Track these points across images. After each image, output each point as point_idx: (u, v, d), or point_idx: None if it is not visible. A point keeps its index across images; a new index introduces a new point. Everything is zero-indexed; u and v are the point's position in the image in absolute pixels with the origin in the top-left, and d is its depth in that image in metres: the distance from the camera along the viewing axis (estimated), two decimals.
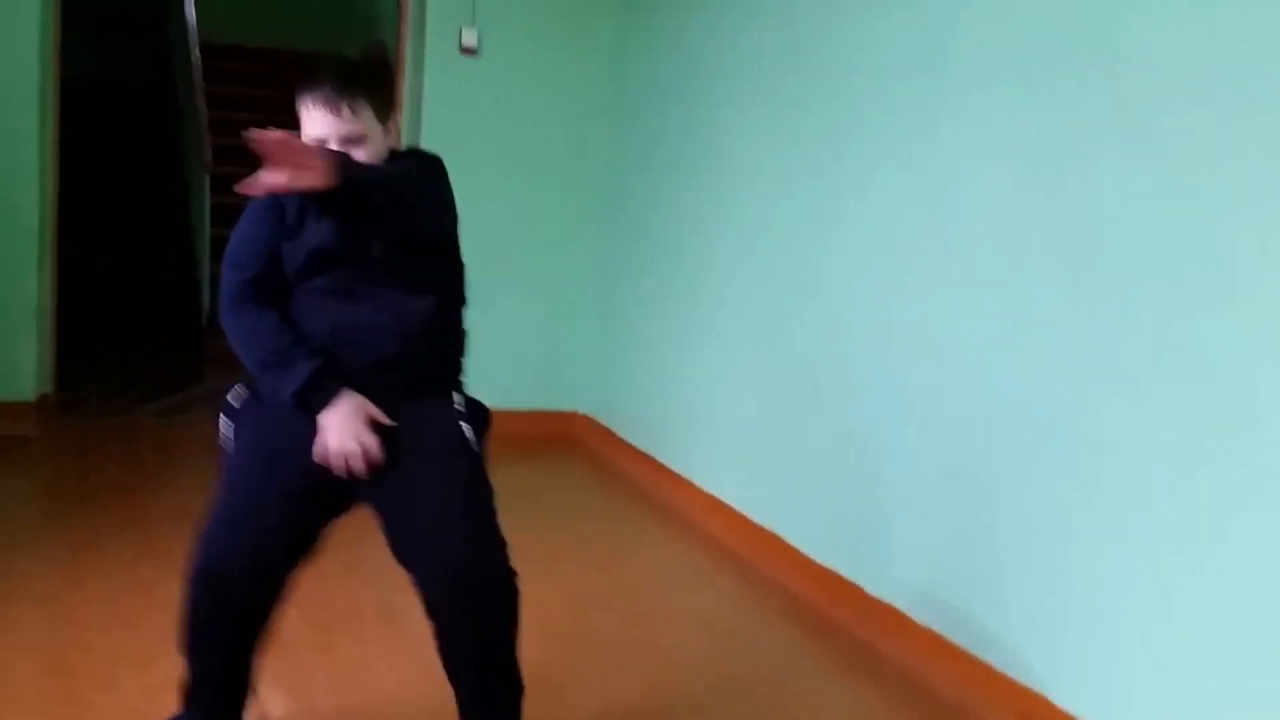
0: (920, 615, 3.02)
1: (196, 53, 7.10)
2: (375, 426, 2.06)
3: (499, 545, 2.12)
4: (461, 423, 2.17)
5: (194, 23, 7.31)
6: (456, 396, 2.22)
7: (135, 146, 7.81)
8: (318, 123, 2.04)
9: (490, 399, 2.28)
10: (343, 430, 2.01)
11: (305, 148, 1.88)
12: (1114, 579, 2.46)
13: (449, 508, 2.09)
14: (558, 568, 3.47)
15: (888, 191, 3.21)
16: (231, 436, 2.15)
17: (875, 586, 3.19)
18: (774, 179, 3.78)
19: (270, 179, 1.81)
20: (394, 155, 2.15)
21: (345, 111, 2.03)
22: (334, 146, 2.02)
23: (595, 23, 4.85)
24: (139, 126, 7.91)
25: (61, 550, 3.30)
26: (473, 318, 2.34)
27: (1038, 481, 2.67)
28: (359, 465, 2.02)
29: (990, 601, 2.81)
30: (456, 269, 2.26)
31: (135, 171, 7.73)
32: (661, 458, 4.41)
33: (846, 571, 3.30)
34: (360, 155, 2.04)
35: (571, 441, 5.03)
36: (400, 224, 2.07)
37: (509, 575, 2.12)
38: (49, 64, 4.24)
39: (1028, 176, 2.72)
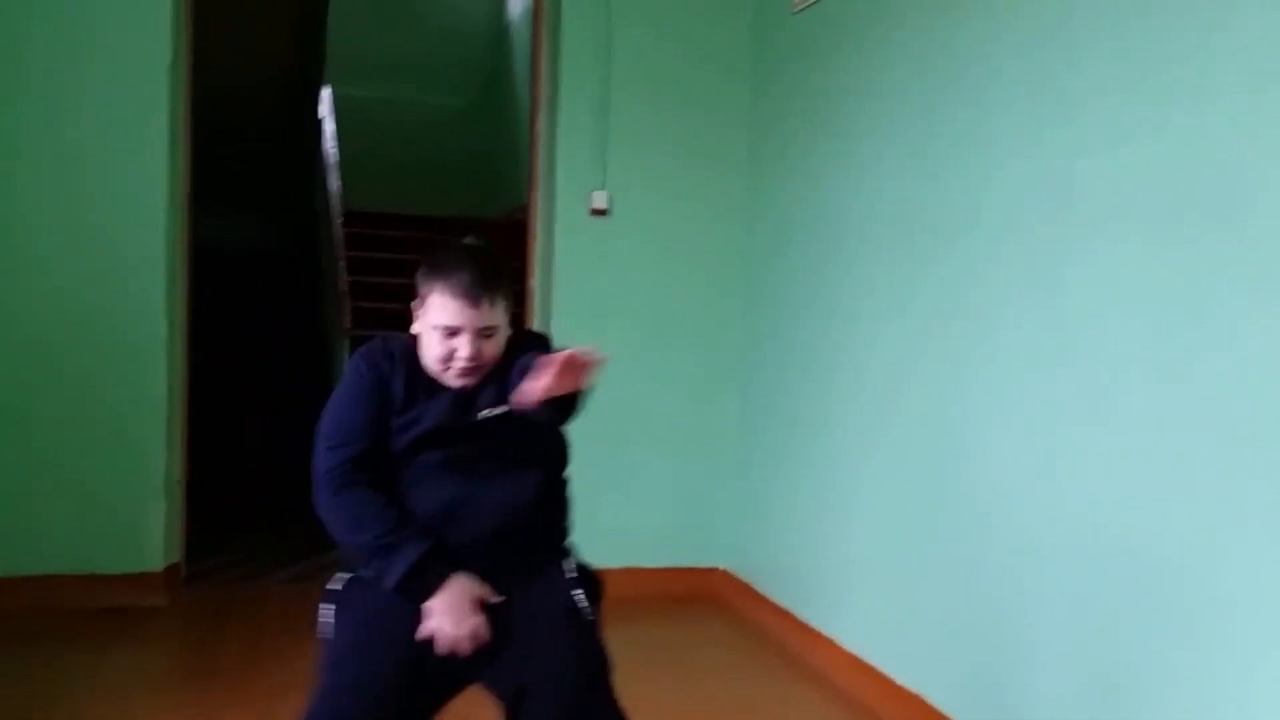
0: None
1: (339, 219, 7.29)
2: (484, 605, 1.99)
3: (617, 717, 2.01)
4: (574, 592, 2.09)
5: (337, 190, 7.54)
6: (567, 564, 2.15)
7: (277, 313, 8.03)
8: (454, 314, 2.04)
9: (631, 557, 2.21)
10: (450, 615, 1.96)
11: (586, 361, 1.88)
12: None
13: (566, 683, 1.97)
14: None
15: (1020, 334, 3.00)
16: (332, 621, 2.06)
17: None
18: (906, 331, 3.58)
19: (548, 385, 1.84)
20: (512, 342, 2.14)
21: (485, 305, 2.04)
22: (467, 337, 2.04)
23: (724, 179, 4.75)
24: (281, 293, 8.15)
25: None
26: (611, 476, 2.27)
27: (1174, 644, 2.41)
28: (466, 649, 1.96)
29: None
30: (561, 435, 2.21)
31: (276, 338, 7.92)
32: (803, 615, 4.12)
33: None
34: (491, 347, 2.07)
35: (712, 598, 4.78)
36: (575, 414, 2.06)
37: None
38: (177, 234, 4.28)
39: (1164, 320, 2.50)
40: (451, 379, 2.09)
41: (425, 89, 9.33)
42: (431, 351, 2.08)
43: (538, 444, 2.15)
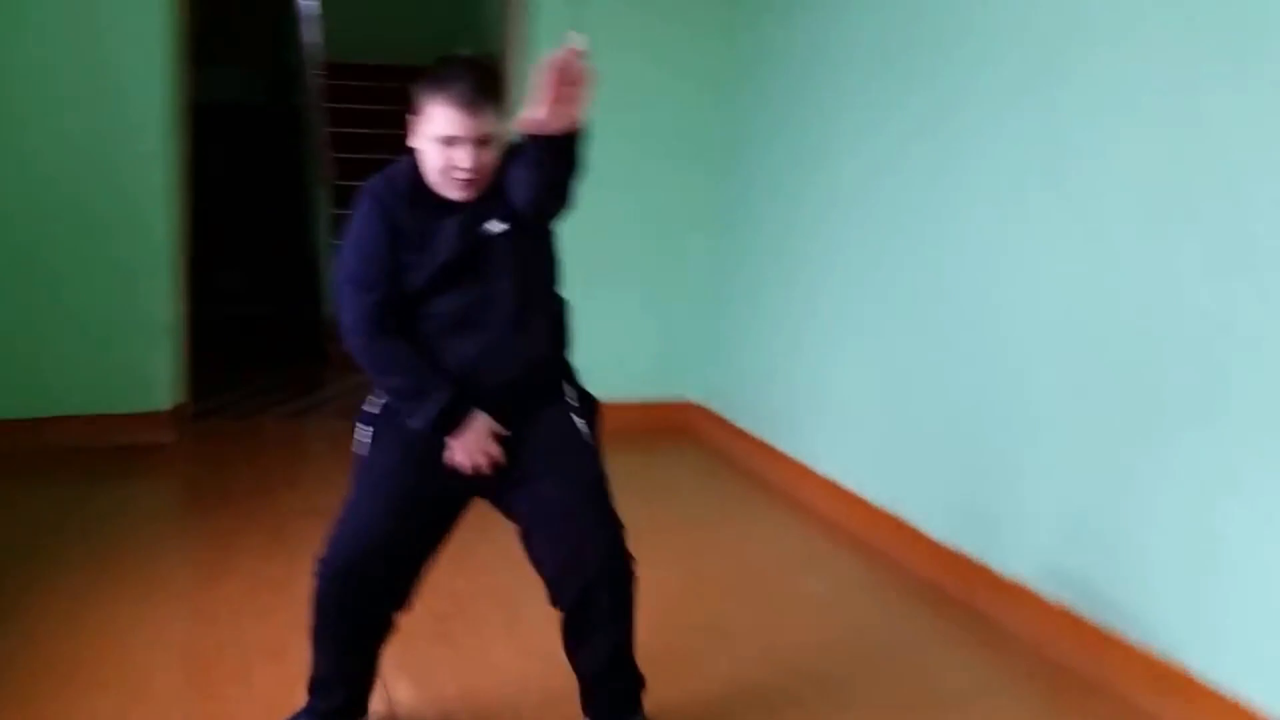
0: (1050, 591, 2.95)
1: (316, 72, 7.30)
2: (498, 436, 2.20)
3: (619, 529, 2.22)
4: (574, 416, 2.29)
5: (317, 41, 7.53)
6: (569, 390, 2.33)
7: (259, 165, 8.09)
8: (452, 123, 2.07)
9: (602, 391, 2.38)
10: (471, 447, 2.16)
11: (584, 78, 1.94)
12: (1261, 544, 2.38)
13: (571, 500, 2.21)
14: (675, 555, 3.47)
15: (1009, 159, 3.16)
16: (368, 441, 2.26)
17: (1002, 564, 3.13)
18: (873, 164, 3.74)
19: (545, 111, 1.91)
20: (510, 149, 2.18)
21: (483, 114, 2.08)
22: (466, 146, 2.08)
23: (704, 12, 4.84)
24: (262, 146, 8.20)
25: (198, 549, 3.43)
26: (582, 311, 2.43)
27: (1175, 445, 2.60)
28: (486, 471, 2.18)
29: (1123, 573, 2.74)
30: (555, 256, 2.33)
31: (260, 189, 8.01)
32: (776, 443, 4.38)
33: (971, 550, 3.24)
34: (488, 156, 2.12)
35: (685, 431, 5.02)
36: (571, 183, 2.10)
37: (629, 559, 2.22)
38: (175, 88, 4.39)
39: (1153, 127, 2.66)
40: (453, 191, 2.14)
41: None
42: (431, 163, 2.12)
43: (540, 268, 2.27)
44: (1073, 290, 2.90)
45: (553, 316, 2.32)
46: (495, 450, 2.17)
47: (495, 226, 2.16)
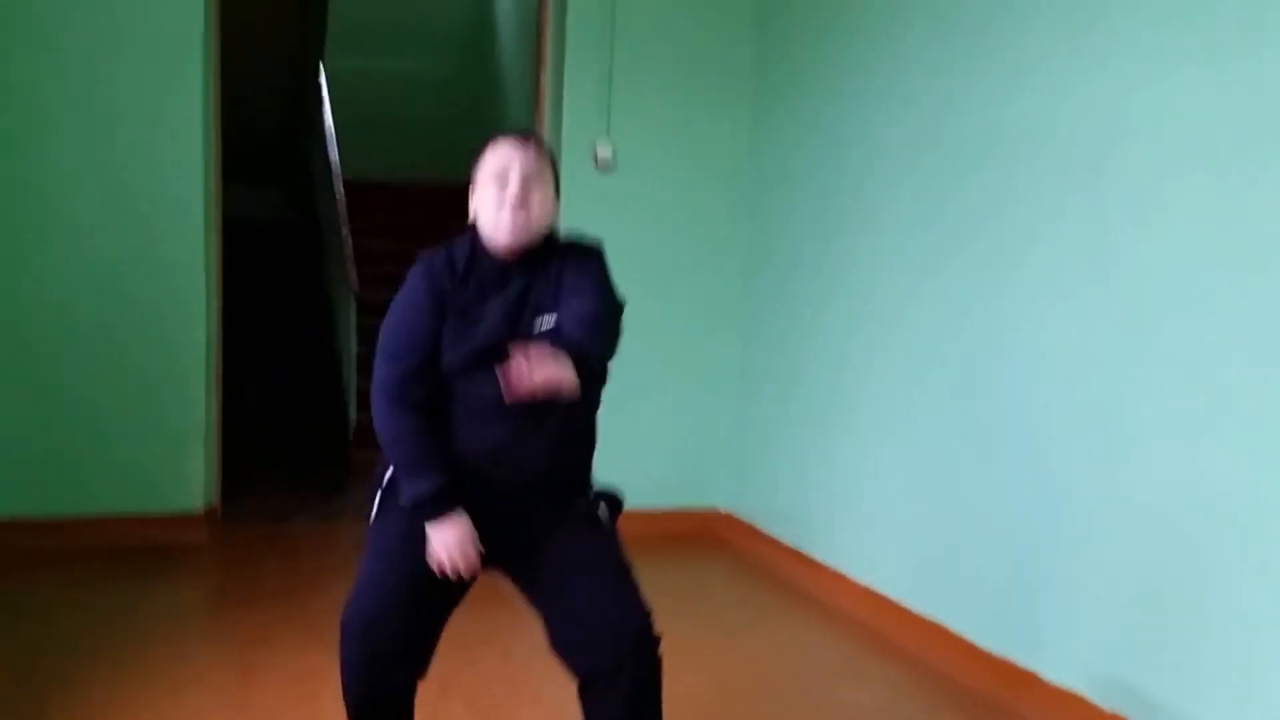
0: (1102, 699, 2.91)
1: (340, 189, 7.57)
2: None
3: (647, 609, 2.21)
4: (601, 504, 2.32)
5: (336, 163, 7.82)
6: (591, 488, 2.37)
7: (284, 278, 8.35)
8: (504, 155, 2.21)
9: (628, 499, 2.39)
10: (449, 544, 2.17)
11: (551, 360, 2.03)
12: None
13: (596, 580, 2.21)
14: (708, 664, 3.45)
15: (1051, 257, 3.14)
16: (375, 509, 2.31)
17: (1053, 672, 3.09)
18: (911, 267, 3.78)
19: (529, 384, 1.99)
20: (551, 241, 2.28)
21: (533, 151, 2.23)
22: (516, 182, 2.18)
23: (727, 124, 4.98)
24: (287, 260, 8.47)
25: (233, 646, 3.47)
26: (612, 421, 2.49)
27: (1225, 559, 2.59)
28: (453, 575, 2.18)
29: (1181, 683, 2.70)
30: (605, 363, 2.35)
31: (283, 301, 8.26)
32: (810, 550, 4.36)
33: (1019, 658, 3.21)
34: (534, 203, 2.21)
35: (714, 539, 5.03)
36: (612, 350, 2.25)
37: (656, 641, 2.19)
38: (212, 205, 4.61)
39: (1197, 220, 2.68)
40: (505, 230, 2.19)
41: (409, 59, 9.58)
42: (487, 207, 2.21)
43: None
44: (1116, 387, 2.89)
45: (585, 417, 2.34)
46: (471, 558, 2.18)
47: (543, 322, 2.20)
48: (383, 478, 2.31)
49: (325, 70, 8.56)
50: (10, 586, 3.99)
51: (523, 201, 2.20)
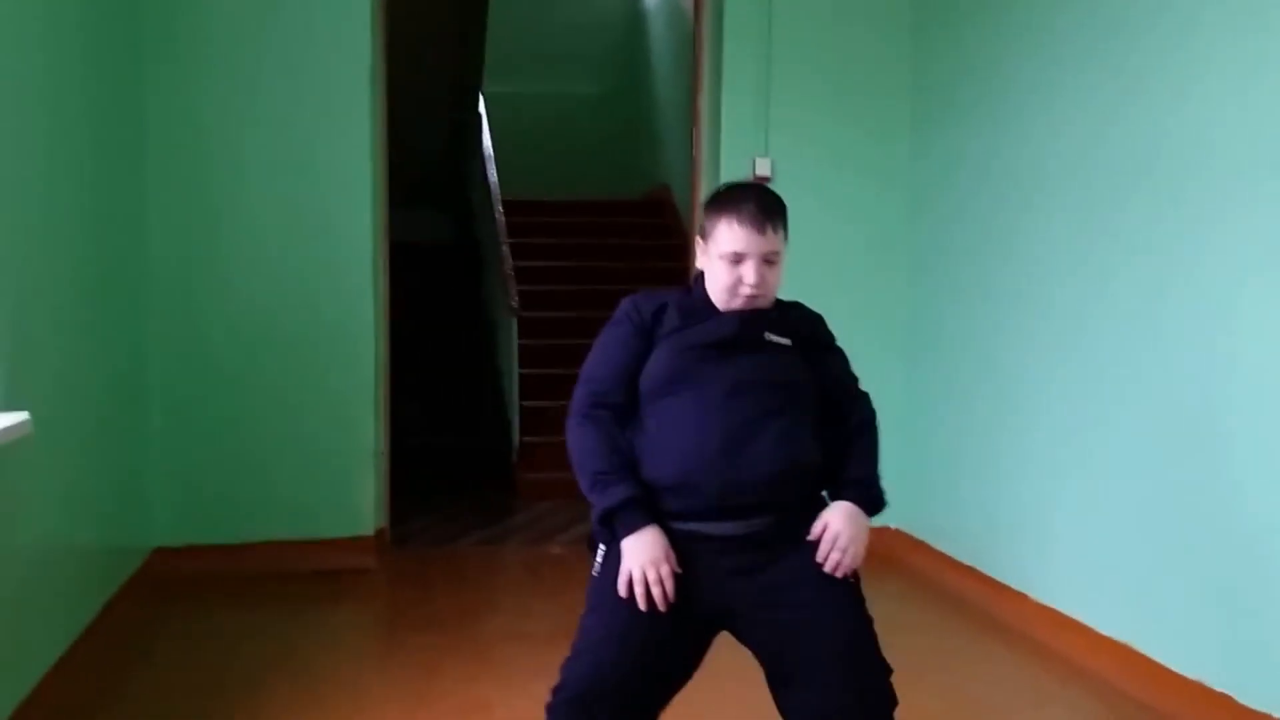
0: None
1: (499, 210, 7.63)
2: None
3: (885, 677, 2.06)
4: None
5: (495, 184, 7.89)
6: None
7: (446, 297, 8.48)
8: (741, 240, 2.12)
9: None
10: (638, 557, 2.00)
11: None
12: None
13: (834, 645, 2.04)
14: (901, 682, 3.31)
15: (1228, 262, 3.01)
16: (601, 561, 2.13)
17: (1254, 698, 2.88)
18: (1088, 274, 3.61)
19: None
20: (780, 303, 2.25)
21: (769, 231, 2.13)
22: (753, 263, 2.11)
23: (887, 139, 4.87)
24: (448, 280, 8.60)
25: (405, 672, 3.45)
26: None
27: None
28: (655, 592, 1.99)
29: None
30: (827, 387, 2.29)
31: (447, 320, 8.37)
32: (987, 569, 4.19)
33: (1218, 684, 3.00)
34: (773, 275, 2.16)
35: (886, 558, 4.84)
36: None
37: (892, 707, 2.06)
38: (380, 233, 4.68)
39: None
40: (737, 306, 2.15)
41: (565, 81, 9.64)
42: (719, 281, 2.15)
43: (810, 392, 2.19)
44: None
45: (818, 422, 2.20)
46: (666, 574, 1.99)
47: (778, 337, 2.17)
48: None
49: (484, 96, 8.69)
50: (190, 611, 4.07)
51: (760, 285, 2.14)
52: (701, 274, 2.24)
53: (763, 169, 4.78)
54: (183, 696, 3.23)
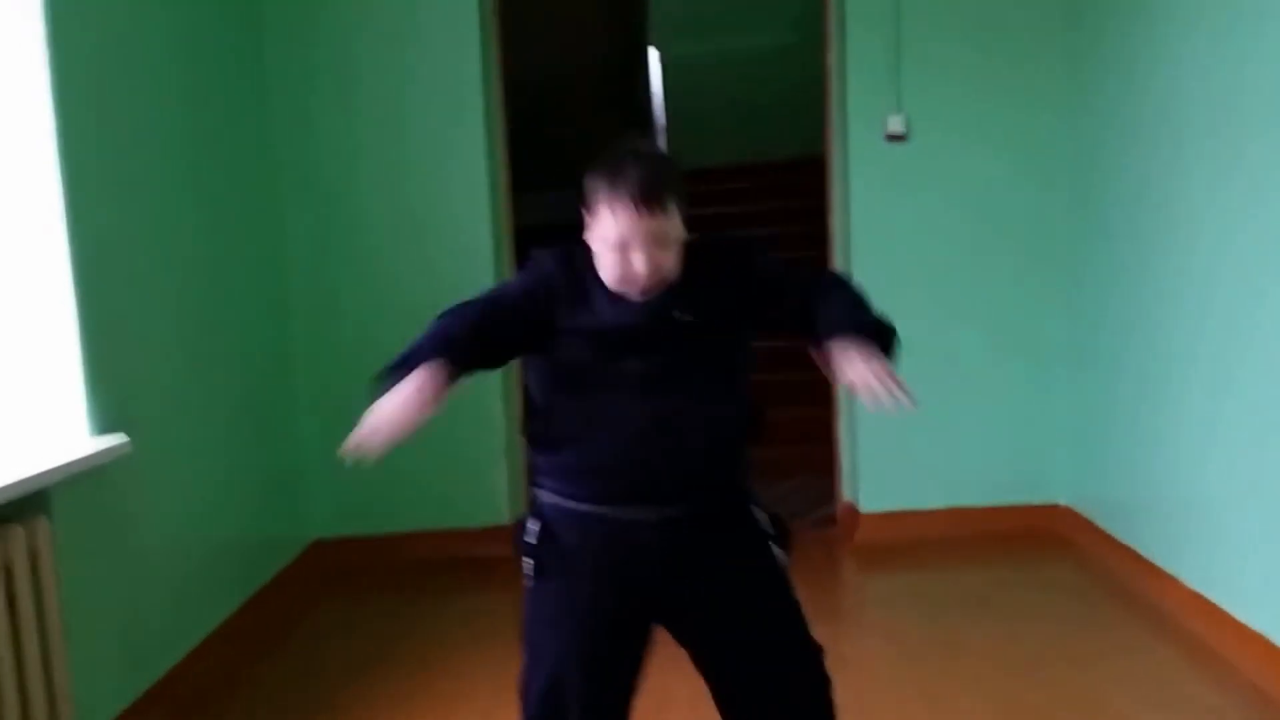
0: None
1: None
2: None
3: (817, 652, 2.01)
4: (771, 545, 2.00)
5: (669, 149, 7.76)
6: (759, 513, 2.02)
7: None
8: (624, 226, 1.81)
9: (953, 496, 2.10)
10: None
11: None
12: None
13: (770, 653, 1.98)
14: (1024, 675, 3.18)
15: None
16: (532, 575, 2.03)
17: None
18: (1265, 232, 3.12)
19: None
20: (692, 249, 1.90)
21: (657, 213, 1.81)
22: (642, 252, 1.81)
23: (1037, 78, 4.51)
24: None
25: None
26: (933, 409, 2.12)
27: None
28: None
29: None
30: (751, 353, 2.01)
31: None
32: (1144, 551, 3.84)
33: None
34: (666, 258, 1.84)
35: (1052, 538, 4.53)
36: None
37: (829, 683, 2.02)
38: (500, 215, 4.67)
39: None
40: (633, 296, 1.87)
41: (740, 34, 9.31)
42: (608, 270, 1.86)
43: (733, 362, 1.97)
44: None
45: (748, 397, 1.98)
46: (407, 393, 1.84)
47: (686, 315, 1.88)
48: (533, 536, 2.02)
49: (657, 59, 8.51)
50: (344, 600, 4.33)
51: (652, 274, 1.84)
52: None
53: (895, 126, 4.49)
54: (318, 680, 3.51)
